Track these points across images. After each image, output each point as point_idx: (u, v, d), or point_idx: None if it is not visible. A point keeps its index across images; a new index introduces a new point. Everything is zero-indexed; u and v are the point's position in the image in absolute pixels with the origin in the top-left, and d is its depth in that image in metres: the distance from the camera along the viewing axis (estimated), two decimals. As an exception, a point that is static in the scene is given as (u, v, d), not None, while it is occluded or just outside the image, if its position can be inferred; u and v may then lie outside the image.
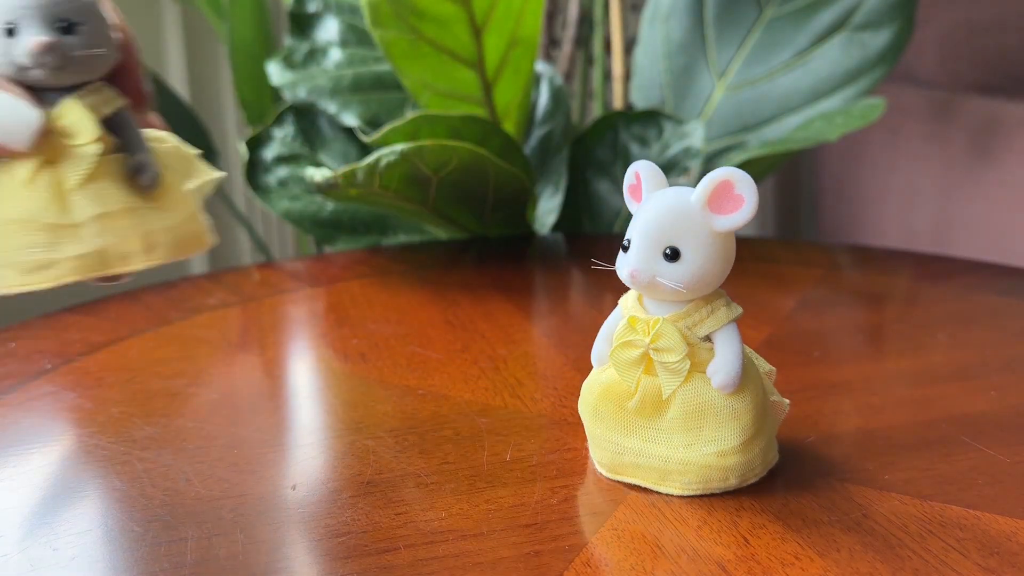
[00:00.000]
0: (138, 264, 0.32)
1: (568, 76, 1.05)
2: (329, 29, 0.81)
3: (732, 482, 0.34)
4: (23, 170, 0.30)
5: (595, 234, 0.80)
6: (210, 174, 0.35)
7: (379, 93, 0.79)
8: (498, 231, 0.73)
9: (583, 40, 1.05)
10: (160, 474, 0.36)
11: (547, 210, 0.78)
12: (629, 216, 0.34)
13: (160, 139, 0.34)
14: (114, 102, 0.32)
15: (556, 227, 0.80)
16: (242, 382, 0.48)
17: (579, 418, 0.37)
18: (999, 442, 0.38)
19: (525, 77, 0.73)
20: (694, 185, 0.33)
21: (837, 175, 1.28)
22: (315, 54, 0.80)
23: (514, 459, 0.36)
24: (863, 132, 1.08)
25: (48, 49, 0.30)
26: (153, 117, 0.35)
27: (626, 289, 0.35)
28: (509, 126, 0.76)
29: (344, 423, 0.41)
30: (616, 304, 0.36)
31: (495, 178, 0.64)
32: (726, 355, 0.33)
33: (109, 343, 0.51)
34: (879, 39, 0.82)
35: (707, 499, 0.34)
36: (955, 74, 1.13)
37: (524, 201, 0.70)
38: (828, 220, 1.31)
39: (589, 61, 1.07)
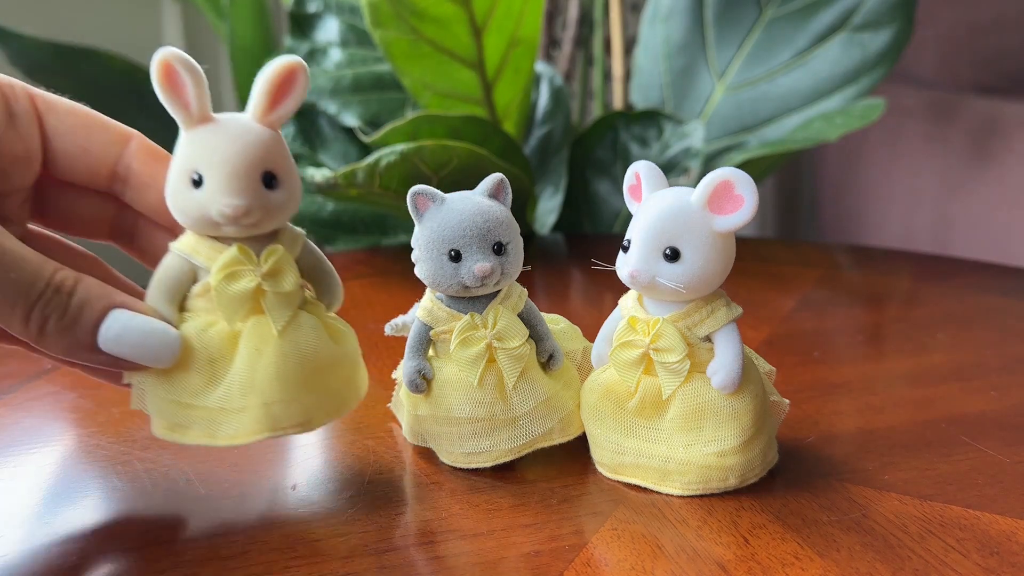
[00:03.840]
0: (557, 441, 0.36)
1: (568, 76, 1.05)
2: (329, 29, 0.81)
3: (732, 482, 0.34)
4: (475, 373, 0.35)
5: (595, 234, 0.80)
6: (586, 343, 0.39)
7: (379, 93, 0.79)
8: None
9: (583, 40, 1.05)
10: (160, 474, 0.36)
11: (547, 210, 0.78)
12: (629, 216, 0.34)
13: (555, 321, 0.39)
14: (523, 299, 0.36)
15: (556, 227, 0.80)
16: (242, 382, 0.48)
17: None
18: (999, 442, 0.38)
19: (525, 77, 0.73)
20: (694, 185, 0.33)
21: (837, 175, 1.28)
22: (315, 54, 0.80)
23: (514, 459, 0.36)
24: (863, 132, 1.08)
25: (491, 272, 0.34)
26: None
27: (626, 289, 0.35)
28: (509, 126, 0.76)
29: (344, 423, 0.41)
30: (616, 304, 0.36)
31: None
32: (726, 355, 0.33)
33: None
34: (879, 39, 0.82)
35: (707, 499, 0.34)
36: (955, 74, 1.13)
37: (524, 201, 0.70)
38: (828, 220, 1.31)
39: (589, 61, 1.07)
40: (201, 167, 0.31)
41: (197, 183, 0.31)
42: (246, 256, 0.32)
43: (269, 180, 0.31)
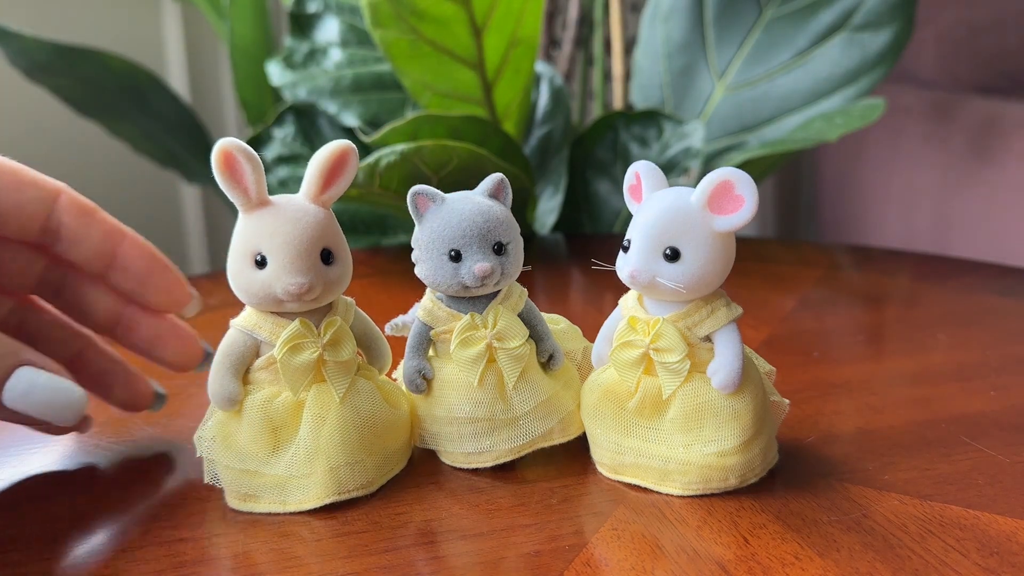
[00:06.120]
0: (557, 441, 0.36)
1: (568, 76, 1.05)
2: (329, 29, 0.81)
3: (732, 482, 0.34)
4: (475, 373, 0.35)
5: (595, 234, 0.80)
6: (586, 343, 0.39)
7: (379, 93, 0.79)
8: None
9: (583, 40, 1.05)
10: (160, 474, 0.36)
11: (547, 210, 0.78)
12: (629, 216, 0.34)
13: (555, 321, 0.39)
14: (523, 299, 0.36)
15: (556, 227, 0.80)
16: (242, 382, 0.48)
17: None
18: (999, 442, 0.38)
19: (525, 77, 0.73)
20: (694, 185, 0.33)
21: (837, 175, 1.28)
22: (315, 54, 0.80)
23: (514, 459, 0.36)
24: (863, 132, 1.08)
25: (491, 272, 0.34)
26: None
27: (626, 289, 0.35)
28: (509, 126, 0.76)
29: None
30: (616, 304, 0.36)
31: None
32: (726, 355, 0.33)
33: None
34: (879, 39, 0.82)
35: (707, 499, 0.34)
36: (955, 74, 1.13)
37: (524, 201, 0.70)
38: (828, 220, 1.31)
39: (589, 61, 1.07)
40: (264, 248, 0.32)
41: (261, 264, 0.32)
42: (307, 329, 0.33)
43: (327, 256, 0.33)
